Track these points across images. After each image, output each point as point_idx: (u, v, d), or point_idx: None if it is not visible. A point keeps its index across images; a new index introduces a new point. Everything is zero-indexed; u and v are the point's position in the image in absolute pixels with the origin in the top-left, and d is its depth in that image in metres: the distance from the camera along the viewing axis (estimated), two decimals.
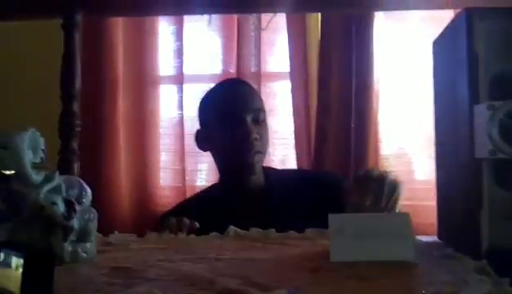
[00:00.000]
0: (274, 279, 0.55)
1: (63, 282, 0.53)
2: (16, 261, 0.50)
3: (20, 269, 0.49)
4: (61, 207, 0.64)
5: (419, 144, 1.45)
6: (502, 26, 0.63)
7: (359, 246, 0.62)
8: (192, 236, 0.87)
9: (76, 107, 0.96)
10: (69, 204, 0.65)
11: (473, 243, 0.63)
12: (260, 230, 0.85)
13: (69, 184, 0.68)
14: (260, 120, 1.14)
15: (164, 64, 1.59)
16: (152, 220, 1.30)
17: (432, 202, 1.32)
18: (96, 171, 1.43)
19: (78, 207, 0.66)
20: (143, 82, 1.56)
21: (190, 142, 1.54)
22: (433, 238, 0.79)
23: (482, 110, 0.61)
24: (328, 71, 1.45)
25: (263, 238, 0.83)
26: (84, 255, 0.67)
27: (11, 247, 0.52)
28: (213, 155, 1.19)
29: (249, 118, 1.11)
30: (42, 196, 0.63)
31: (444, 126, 0.79)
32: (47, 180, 0.65)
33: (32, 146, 0.64)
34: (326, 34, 1.46)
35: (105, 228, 0.92)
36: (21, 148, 0.62)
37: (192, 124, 1.55)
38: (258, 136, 1.11)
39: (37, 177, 0.64)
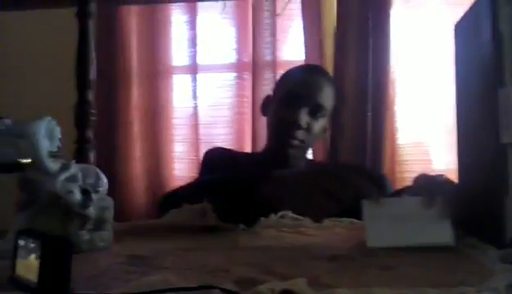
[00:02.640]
0: (291, 268, 0.54)
1: (80, 270, 0.53)
2: (35, 249, 0.50)
3: (38, 258, 0.49)
4: (78, 196, 0.64)
5: (436, 133, 1.42)
6: None
7: (395, 231, 0.60)
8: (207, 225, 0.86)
9: (91, 96, 0.96)
10: (85, 193, 0.65)
11: (497, 232, 0.61)
12: (274, 217, 0.83)
13: (85, 172, 0.68)
14: (317, 115, 1.13)
15: (178, 53, 1.58)
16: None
17: None
18: (110, 160, 1.43)
19: (94, 196, 0.66)
20: (157, 72, 1.55)
21: (204, 132, 1.53)
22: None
23: (507, 93, 0.59)
24: (344, 59, 1.42)
25: (277, 225, 0.82)
26: (101, 243, 0.67)
27: (29, 234, 0.52)
28: (266, 124, 1.23)
29: (304, 108, 1.11)
30: (58, 185, 0.63)
31: (466, 112, 0.77)
32: (64, 168, 0.65)
33: (48, 135, 0.63)
34: (342, 20, 1.43)
35: (120, 217, 0.92)
36: (38, 137, 0.62)
37: (207, 113, 1.55)
38: (305, 126, 1.11)
39: (53, 166, 0.64)
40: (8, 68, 1.38)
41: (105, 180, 0.69)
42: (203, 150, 1.52)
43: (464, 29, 0.78)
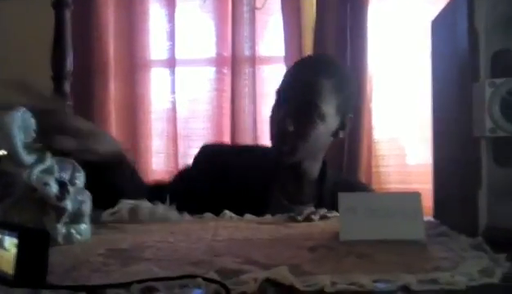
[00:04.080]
0: (273, 258, 0.55)
1: (57, 262, 0.52)
2: (10, 241, 0.49)
3: (14, 250, 0.48)
4: (54, 188, 0.63)
5: (411, 129, 1.45)
6: (503, 3, 0.63)
7: (369, 225, 0.62)
8: (187, 217, 0.85)
9: (67, 87, 0.94)
10: (62, 185, 0.64)
11: (471, 223, 0.63)
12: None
13: (61, 165, 0.66)
14: (313, 116, 0.98)
15: (156, 47, 1.57)
16: None
17: (425, 185, 1.34)
18: None
19: (71, 188, 0.65)
20: (134, 65, 1.54)
21: (183, 126, 1.53)
22: (428, 220, 0.79)
23: (482, 88, 0.61)
24: (322, 53, 1.44)
25: (258, 219, 0.83)
26: (78, 236, 0.66)
27: (5, 226, 0.51)
28: None
29: (293, 109, 0.98)
30: (34, 177, 0.62)
31: (442, 107, 0.79)
32: (39, 160, 0.63)
33: (23, 126, 0.62)
34: (321, 16, 1.45)
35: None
36: (12, 128, 0.60)
37: (185, 108, 1.54)
38: (291, 130, 0.97)
39: (28, 158, 0.62)
40: None
41: (82, 172, 0.68)
42: (181, 144, 1.52)
43: (441, 26, 0.80)
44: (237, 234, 0.72)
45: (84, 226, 0.67)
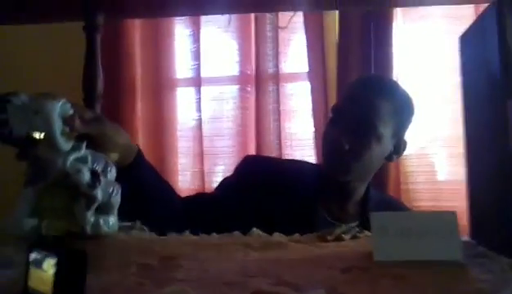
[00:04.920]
0: (306, 279, 0.54)
1: (91, 282, 0.52)
2: (48, 262, 0.50)
3: (52, 270, 0.49)
4: (86, 176, 0.64)
5: (439, 145, 1.43)
6: None
7: (403, 245, 0.60)
8: (215, 235, 0.85)
9: (98, 109, 0.96)
10: (94, 174, 0.65)
11: (509, 241, 0.61)
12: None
13: (95, 157, 0.67)
14: (368, 136, 0.96)
15: (182, 66, 1.60)
16: None
17: (457, 202, 1.31)
18: None
19: (102, 179, 0.65)
20: (161, 85, 1.57)
21: (208, 144, 1.54)
22: (465, 240, 0.77)
23: None
24: (346, 71, 1.44)
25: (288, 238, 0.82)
26: (106, 228, 0.65)
27: (43, 246, 0.52)
28: None
29: (346, 127, 0.96)
30: (68, 163, 0.63)
31: (474, 123, 0.77)
32: (75, 148, 0.64)
33: (62, 115, 0.63)
34: (344, 33, 1.45)
35: None
36: (53, 114, 0.61)
37: (210, 126, 1.55)
38: (346, 148, 0.95)
39: (65, 145, 0.63)
40: (17, 82, 1.38)
41: (113, 167, 0.68)
42: (206, 162, 1.53)
43: (470, 42, 0.79)
44: (268, 254, 0.71)
45: (112, 219, 0.67)
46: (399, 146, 1.03)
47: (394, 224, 0.62)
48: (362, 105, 0.97)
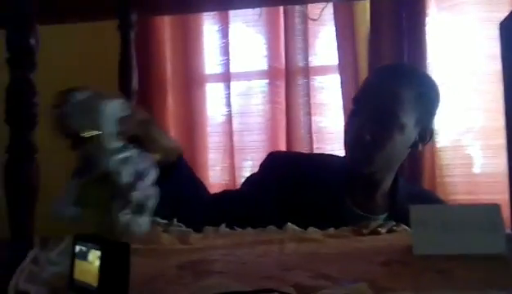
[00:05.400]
0: (346, 273, 0.54)
1: (133, 274, 0.53)
2: (93, 254, 0.52)
3: (97, 262, 0.51)
4: (126, 178, 0.66)
5: (476, 137, 1.39)
6: None
7: (444, 238, 0.59)
8: (250, 230, 0.86)
9: (133, 105, 0.98)
10: (135, 176, 0.67)
11: None
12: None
13: (140, 158, 0.69)
14: (390, 126, 0.94)
15: (211, 62, 1.60)
16: None
17: (494, 195, 1.27)
18: None
19: (142, 181, 0.67)
20: (191, 81, 1.58)
21: (238, 139, 1.55)
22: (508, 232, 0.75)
23: None
24: (378, 62, 1.41)
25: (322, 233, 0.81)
26: (137, 229, 0.67)
27: (87, 239, 0.53)
28: None
29: (367, 117, 0.94)
30: (111, 162, 0.65)
31: None
32: (122, 148, 0.67)
33: (118, 115, 0.66)
34: (376, 24, 1.42)
35: None
36: (106, 113, 0.64)
37: (240, 121, 1.56)
38: (368, 139, 0.93)
39: (113, 144, 0.66)
40: (51, 82, 1.43)
41: (155, 170, 0.70)
42: (236, 157, 1.53)
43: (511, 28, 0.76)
44: (304, 248, 0.71)
45: (145, 220, 0.69)
46: (424, 134, 1.00)
47: (434, 218, 0.61)
48: (382, 94, 0.96)
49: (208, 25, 1.61)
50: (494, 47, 0.83)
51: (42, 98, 0.71)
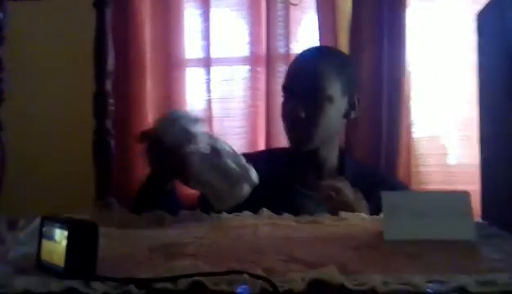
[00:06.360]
0: (317, 256, 0.54)
1: (104, 257, 0.52)
2: (60, 234, 0.51)
3: (64, 242, 0.49)
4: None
5: (451, 128, 1.41)
6: None
7: (414, 224, 0.60)
8: (225, 214, 0.85)
9: (109, 86, 0.96)
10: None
11: None
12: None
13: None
14: (320, 99, 1.02)
15: (191, 46, 1.58)
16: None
17: (468, 186, 1.29)
18: (127, 153, 1.43)
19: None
20: (170, 65, 1.55)
21: (218, 124, 1.53)
22: (477, 221, 0.76)
23: None
24: (358, 50, 1.41)
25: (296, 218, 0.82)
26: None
27: (55, 219, 0.52)
28: None
29: (296, 97, 1.04)
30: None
31: (490, 104, 0.76)
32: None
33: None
34: (357, 13, 1.42)
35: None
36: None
37: (220, 106, 1.54)
38: (301, 116, 1.01)
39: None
40: (25, 59, 1.38)
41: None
42: None
43: (488, 18, 0.77)
44: (278, 232, 0.71)
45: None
46: (353, 102, 1.09)
47: (405, 204, 0.62)
48: (305, 73, 1.05)
49: (190, 8, 1.58)
50: (473, 39, 0.84)
51: (13, 74, 0.69)
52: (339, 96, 1.06)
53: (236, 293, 0.43)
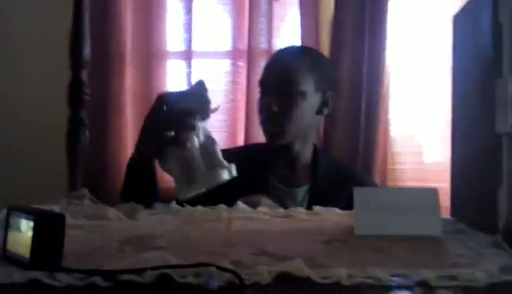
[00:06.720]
0: (287, 250, 0.54)
1: (72, 248, 0.52)
2: (26, 224, 0.50)
3: (30, 233, 0.49)
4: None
5: (428, 127, 1.43)
6: None
7: (384, 220, 0.61)
8: (200, 208, 0.85)
9: (85, 76, 0.94)
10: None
11: (490, 221, 0.62)
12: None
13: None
14: (292, 94, 1.06)
15: (173, 38, 1.57)
16: None
17: (442, 184, 1.31)
18: (102, 144, 1.42)
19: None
20: (151, 56, 1.54)
21: None
22: (445, 218, 0.78)
23: (505, 84, 0.59)
24: (339, 47, 1.42)
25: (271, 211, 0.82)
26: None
27: (21, 210, 0.51)
28: None
29: (271, 93, 1.07)
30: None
31: (462, 103, 0.77)
32: None
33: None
34: (339, 10, 1.42)
35: (111, 199, 0.91)
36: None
37: None
38: (275, 110, 1.05)
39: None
40: (3, 45, 1.35)
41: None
42: None
43: (463, 21, 0.78)
44: (251, 226, 0.71)
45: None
46: (326, 99, 1.11)
47: (376, 200, 0.63)
48: (280, 69, 1.09)
49: (172, 1, 1.57)
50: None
51: None
52: (312, 93, 1.08)
53: (203, 286, 0.43)
